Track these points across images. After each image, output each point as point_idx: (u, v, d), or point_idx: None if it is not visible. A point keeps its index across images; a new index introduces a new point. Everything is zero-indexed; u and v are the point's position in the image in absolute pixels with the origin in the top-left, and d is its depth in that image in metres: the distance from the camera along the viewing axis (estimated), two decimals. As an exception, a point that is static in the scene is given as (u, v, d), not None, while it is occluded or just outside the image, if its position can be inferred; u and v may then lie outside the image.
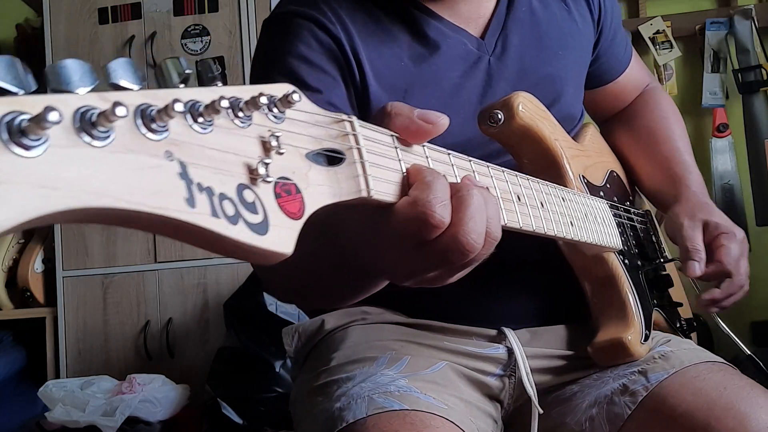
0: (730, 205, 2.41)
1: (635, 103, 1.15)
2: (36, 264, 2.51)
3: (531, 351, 0.90)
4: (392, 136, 0.50)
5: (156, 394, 2.09)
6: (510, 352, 0.89)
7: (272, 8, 2.67)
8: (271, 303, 2.09)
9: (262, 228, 0.36)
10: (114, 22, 2.55)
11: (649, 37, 2.47)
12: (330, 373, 0.86)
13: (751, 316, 2.36)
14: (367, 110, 0.87)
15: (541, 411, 0.86)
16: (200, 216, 0.33)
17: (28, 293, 2.49)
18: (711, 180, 2.43)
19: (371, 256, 0.54)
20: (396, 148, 0.50)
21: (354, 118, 0.47)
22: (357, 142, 0.46)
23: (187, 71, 0.37)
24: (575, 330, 0.93)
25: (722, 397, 0.76)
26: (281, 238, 0.37)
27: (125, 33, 2.54)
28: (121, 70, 0.33)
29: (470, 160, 0.60)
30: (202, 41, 2.51)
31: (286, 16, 0.87)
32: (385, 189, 0.47)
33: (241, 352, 2.08)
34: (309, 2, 0.87)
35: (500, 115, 0.78)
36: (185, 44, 2.51)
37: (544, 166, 0.85)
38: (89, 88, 0.31)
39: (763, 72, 2.38)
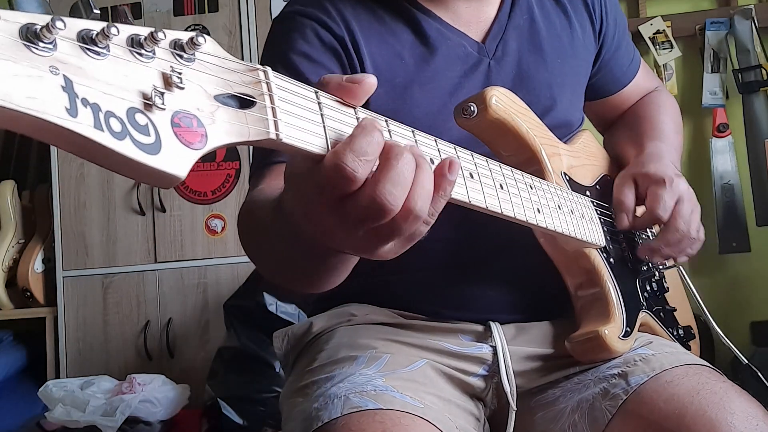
0: (730, 205, 2.41)
1: (637, 103, 1.17)
2: (36, 264, 2.51)
3: (515, 350, 0.91)
4: (315, 92, 0.52)
5: (156, 394, 2.09)
6: (494, 351, 0.90)
7: (272, 8, 2.67)
8: (271, 303, 2.09)
9: (152, 149, 0.40)
10: (114, 22, 2.54)
11: (649, 37, 2.47)
12: (312, 374, 0.87)
13: (751, 316, 2.36)
14: (366, 106, 0.88)
15: (515, 408, 0.87)
16: (81, 126, 0.37)
17: (28, 293, 2.49)
18: (711, 180, 2.43)
19: (301, 216, 0.55)
20: (319, 103, 0.52)
21: (268, 69, 0.49)
22: (270, 90, 0.48)
23: (95, 11, 0.42)
24: (562, 326, 0.93)
25: (693, 403, 0.76)
26: (173, 161, 0.40)
27: (125, 33, 2.53)
28: (25, 3, 0.39)
29: (413, 131, 0.60)
30: (202, 41, 2.51)
31: (292, 15, 0.92)
32: (301, 137, 0.49)
33: (241, 352, 2.08)
34: (314, 2, 0.92)
35: (473, 108, 0.78)
36: (185, 44, 2.52)
37: (523, 160, 0.86)
38: None
39: (763, 72, 2.38)
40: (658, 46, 2.48)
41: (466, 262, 0.92)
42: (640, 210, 0.96)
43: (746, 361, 1.02)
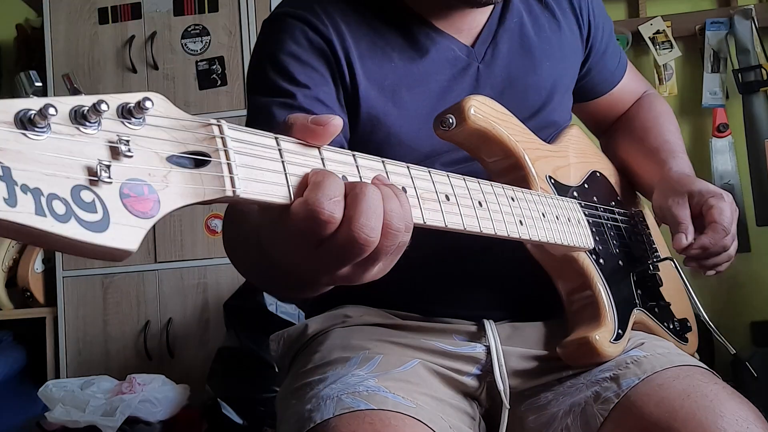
0: (730, 205, 2.41)
1: (632, 109, 1.18)
2: (36, 264, 2.51)
3: (509, 350, 0.91)
4: (275, 138, 0.51)
5: (156, 394, 2.09)
6: (488, 351, 0.90)
7: (272, 8, 2.67)
8: (271, 303, 2.09)
9: (98, 226, 0.39)
10: (114, 22, 2.55)
11: (649, 37, 2.47)
12: (306, 376, 0.88)
13: (751, 316, 2.35)
14: (357, 108, 0.90)
15: (509, 406, 0.87)
16: (21, 215, 0.36)
17: (28, 293, 2.49)
18: (711, 180, 2.42)
19: (281, 262, 0.55)
20: (279, 149, 0.51)
21: (223, 122, 0.48)
22: (225, 145, 0.47)
23: (37, 84, 0.40)
24: (556, 327, 0.93)
25: (684, 406, 0.76)
26: (122, 235, 0.40)
27: (125, 33, 2.54)
28: None
29: (383, 161, 0.60)
30: (202, 41, 2.51)
31: (282, 16, 0.92)
32: (261, 189, 0.48)
33: (241, 352, 2.08)
34: (304, 5, 0.92)
35: (451, 119, 0.78)
36: (185, 44, 2.52)
37: (507, 167, 0.86)
38: None
39: (763, 72, 2.38)
40: (658, 46, 2.48)
41: (459, 260, 0.92)
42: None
43: (733, 351, 1.02)
